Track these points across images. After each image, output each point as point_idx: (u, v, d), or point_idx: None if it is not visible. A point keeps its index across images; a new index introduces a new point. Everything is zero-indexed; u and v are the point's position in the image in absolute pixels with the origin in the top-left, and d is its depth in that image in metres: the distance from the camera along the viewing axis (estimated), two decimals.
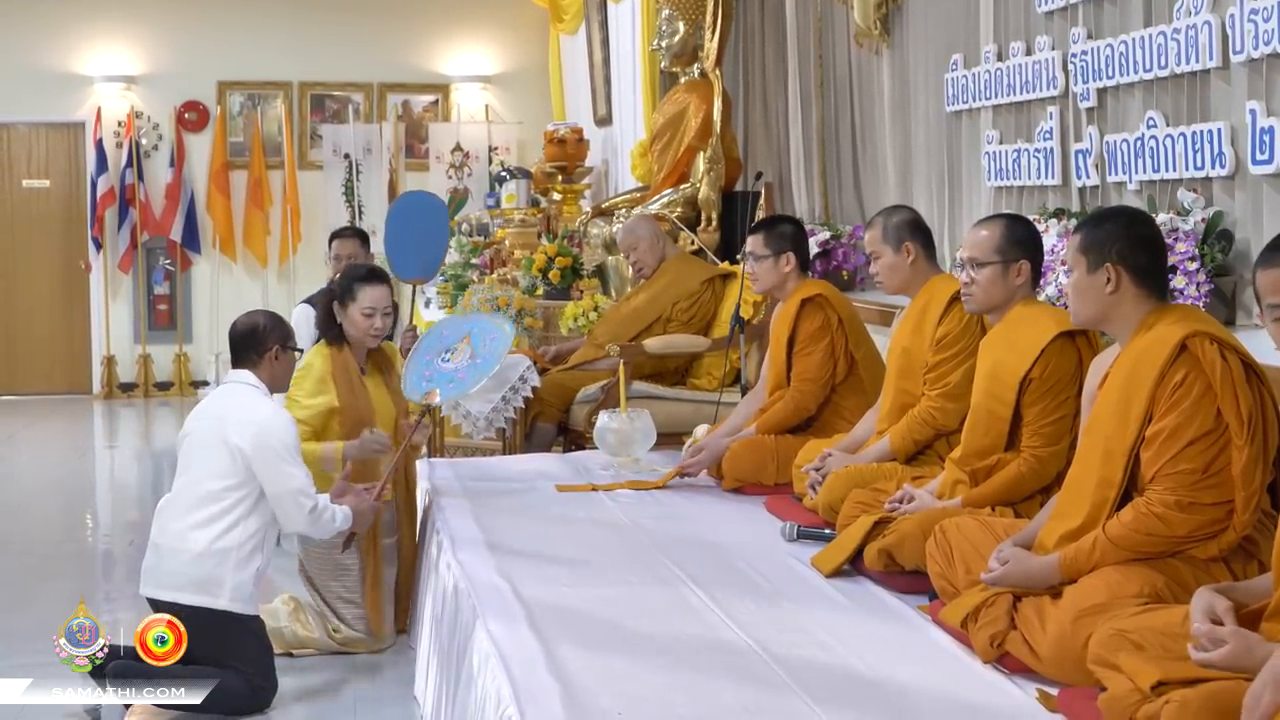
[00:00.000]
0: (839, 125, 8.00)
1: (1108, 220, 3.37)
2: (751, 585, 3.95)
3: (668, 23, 8.47)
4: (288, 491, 4.61)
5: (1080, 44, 5.19)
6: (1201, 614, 2.69)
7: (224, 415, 4.68)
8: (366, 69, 13.57)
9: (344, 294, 5.34)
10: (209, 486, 4.60)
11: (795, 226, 5.52)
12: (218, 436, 4.63)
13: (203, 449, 4.66)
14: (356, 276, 5.39)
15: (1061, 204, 5.35)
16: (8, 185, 13.30)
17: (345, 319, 5.32)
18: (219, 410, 4.73)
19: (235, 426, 4.61)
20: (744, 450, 5.24)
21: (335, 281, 5.50)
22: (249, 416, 4.64)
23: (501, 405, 6.58)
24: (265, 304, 13.39)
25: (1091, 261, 3.30)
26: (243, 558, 4.58)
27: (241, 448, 4.57)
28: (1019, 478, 3.88)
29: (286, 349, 4.85)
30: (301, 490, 4.63)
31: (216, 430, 4.65)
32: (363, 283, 5.34)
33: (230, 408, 4.71)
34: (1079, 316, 3.40)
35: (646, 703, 3.01)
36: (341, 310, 5.33)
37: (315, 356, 5.32)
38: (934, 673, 3.21)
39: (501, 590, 3.89)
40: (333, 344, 5.33)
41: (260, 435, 4.59)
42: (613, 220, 8.54)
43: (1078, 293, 3.35)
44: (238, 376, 4.80)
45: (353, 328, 5.32)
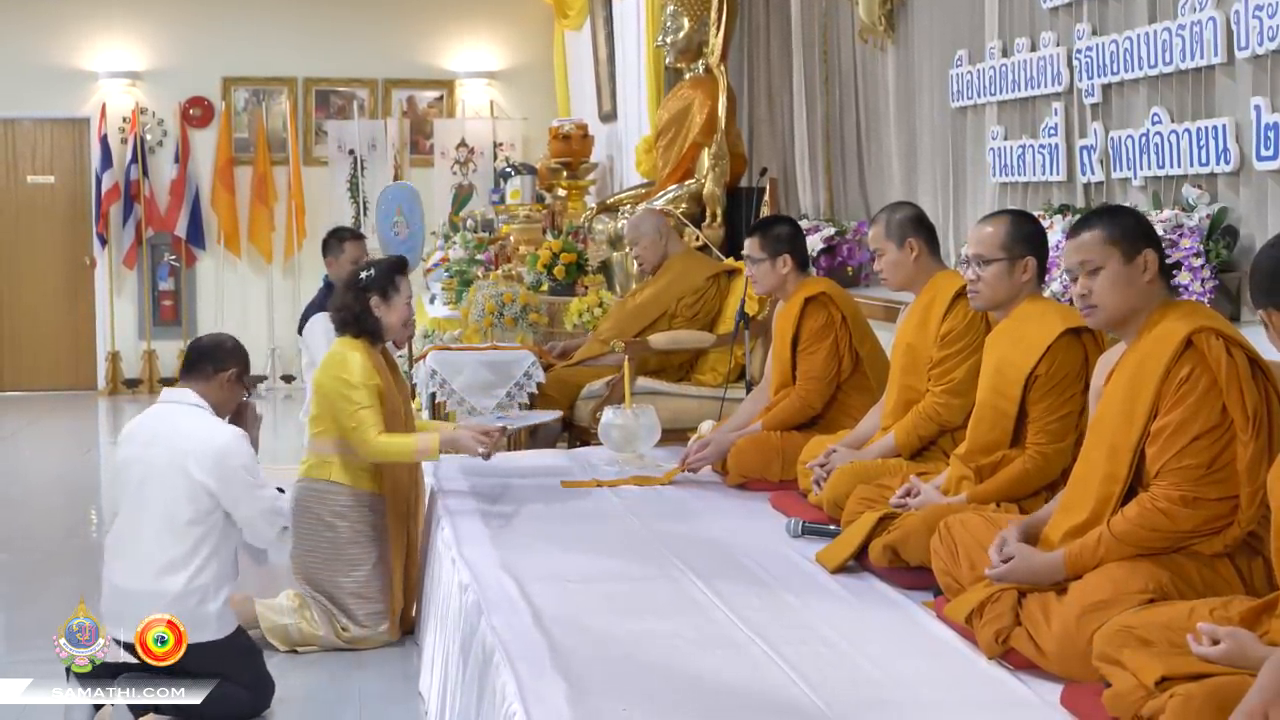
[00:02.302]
0: (844, 121, 8.00)
1: (1120, 212, 3.37)
2: (756, 581, 3.95)
3: (672, 19, 8.46)
4: (260, 513, 4.53)
5: (1085, 40, 5.18)
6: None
7: (177, 444, 4.45)
8: (371, 65, 13.57)
9: (385, 287, 5.21)
10: (174, 524, 4.41)
11: (790, 226, 5.52)
12: (175, 469, 4.41)
13: (160, 483, 4.44)
14: (395, 269, 5.30)
15: (1066, 200, 5.35)
16: (13, 181, 13.31)
17: (387, 311, 5.21)
18: (169, 437, 4.48)
19: (196, 460, 4.41)
20: (749, 446, 5.24)
21: (368, 278, 5.25)
22: (205, 447, 4.44)
23: (506, 401, 6.60)
24: (270, 300, 13.46)
25: (1126, 251, 3.25)
26: (220, 586, 4.48)
27: (206, 483, 4.41)
28: (1024, 474, 3.88)
29: (241, 380, 4.65)
30: (274, 510, 4.57)
31: (173, 461, 4.42)
32: (401, 274, 5.27)
33: (183, 434, 4.47)
34: (1113, 312, 3.28)
35: (651, 699, 3.01)
36: (384, 303, 5.21)
37: (349, 347, 5.18)
38: (938, 669, 3.22)
39: (507, 586, 3.89)
40: (365, 339, 5.22)
41: (221, 464, 4.42)
42: (617, 216, 8.55)
43: (1115, 284, 3.25)
44: (180, 396, 4.58)
45: (395, 319, 5.23)
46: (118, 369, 13.37)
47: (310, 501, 5.20)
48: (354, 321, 5.22)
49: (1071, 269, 3.34)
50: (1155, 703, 2.60)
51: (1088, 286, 3.29)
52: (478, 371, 6.62)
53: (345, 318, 5.25)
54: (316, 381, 5.25)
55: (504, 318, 7.28)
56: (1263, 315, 2.68)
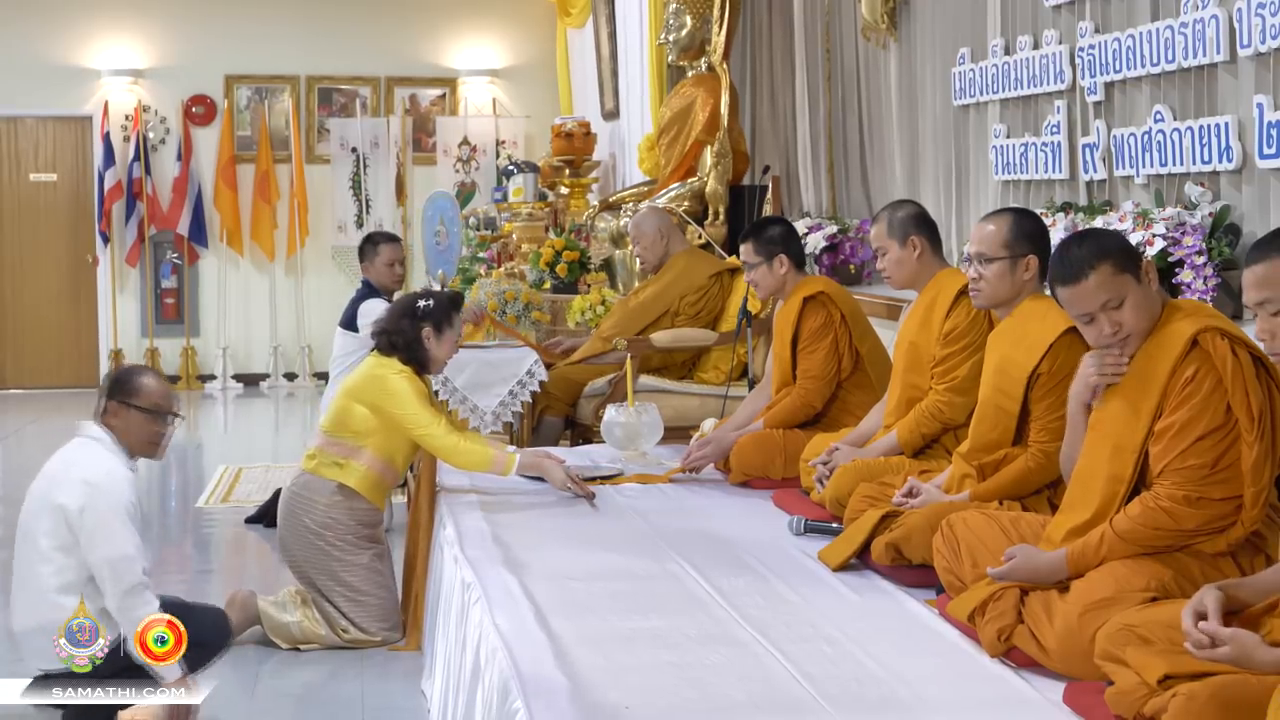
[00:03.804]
0: (846, 119, 8.00)
1: (1103, 236, 3.33)
2: (759, 579, 3.95)
3: (675, 16, 8.47)
4: (107, 559, 4.13)
5: (1087, 38, 5.18)
6: (1189, 612, 2.68)
7: (57, 475, 4.26)
8: (374, 63, 13.57)
9: (441, 321, 5.17)
10: (51, 561, 4.19)
11: (783, 226, 5.51)
12: (45, 501, 4.22)
13: (35, 519, 4.25)
14: (453, 304, 5.28)
15: (1069, 198, 5.35)
16: (15, 179, 13.32)
17: (437, 345, 5.18)
18: (55, 470, 4.29)
19: (67, 486, 4.19)
20: (751, 444, 5.24)
21: (426, 308, 5.18)
22: (85, 475, 4.21)
23: (509, 399, 6.60)
24: (272, 298, 13.48)
25: (1135, 273, 3.22)
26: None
27: (66, 506, 4.16)
28: (1026, 472, 3.88)
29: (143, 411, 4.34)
30: (126, 557, 4.14)
31: (45, 493, 4.24)
32: (457, 311, 5.27)
33: (68, 466, 4.27)
34: (1146, 331, 3.23)
35: (654, 697, 3.01)
36: (435, 336, 5.17)
37: (392, 370, 5.13)
38: (941, 667, 3.22)
39: (509, 584, 3.89)
40: (413, 367, 5.18)
41: (92, 495, 4.16)
42: (620, 214, 8.55)
43: (1144, 306, 3.22)
44: (87, 429, 4.35)
45: (444, 354, 5.23)
46: (120, 367, 13.36)
47: (304, 501, 5.19)
48: (404, 347, 5.17)
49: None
50: (1158, 701, 2.60)
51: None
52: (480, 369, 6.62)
53: (395, 341, 5.19)
54: (360, 396, 5.18)
55: (506, 315, 7.28)
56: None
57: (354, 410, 5.17)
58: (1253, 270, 2.72)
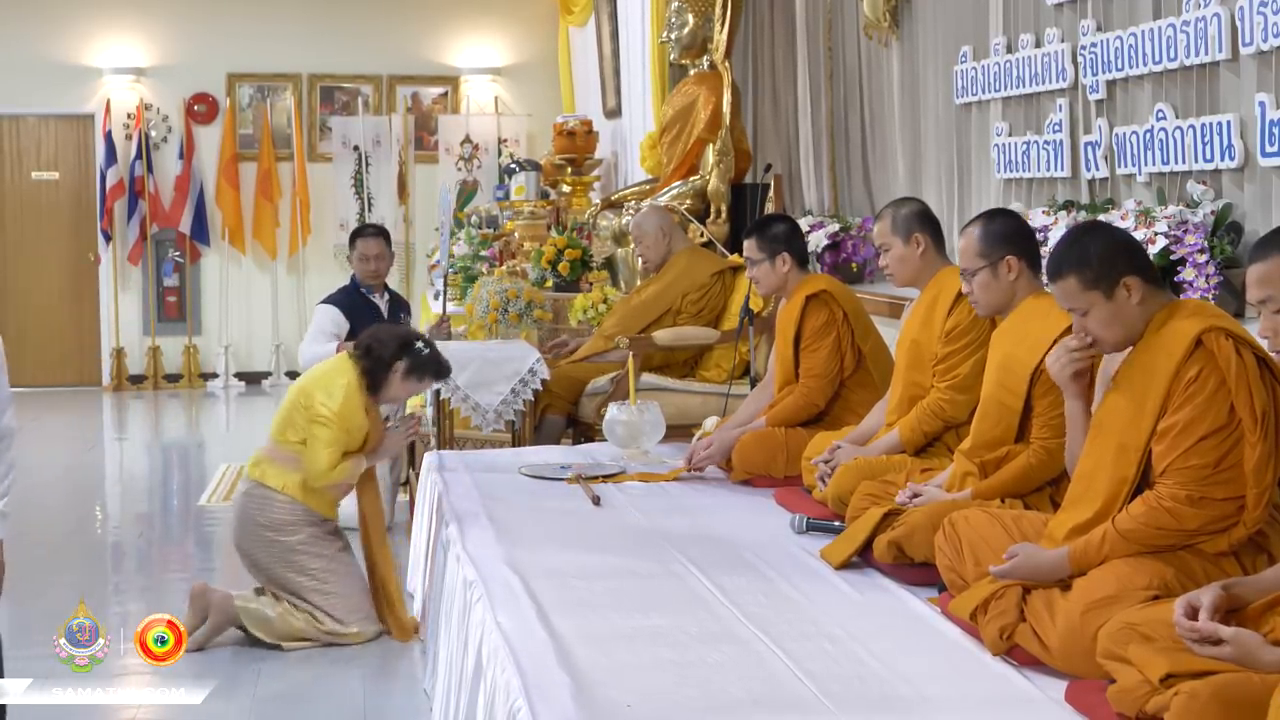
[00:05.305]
0: (848, 117, 8.00)
1: (1086, 244, 3.29)
2: (761, 577, 3.95)
3: (677, 15, 8.47)
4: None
5: (1089, 36, 5.18)
6: (1182, 603, 2.68)
7: None
8: (376, 61, 13.57)
9: (420, 372, 5.23)
10: None
11: (787, 224, 5.51)
12: None
13: None
14: (441, 373, 5.38)
15: (1071, 196, 5.35)
16: (17, 177, 13.32)
17: (400, 386, 5.24)
18: None
19: None
20: (753, 442, 5.24)
21: (417, 353, 5.23)
22: None
23: (511, 397, 6.60)
24: (274, 296, 13.49)
25: (1106, 290, 3.23)
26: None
27: None
28: (1028, 469, 3.88)
29: None
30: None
31: None
32: (438, 380, 5.50)
33: None
34: (1121, 342, 3.27)
35: (656, 695, 3.01)
36: (404, 380, 5.21)
37: (346, 375, 5.19)
38: (943, 665, 3.22)
39: (511, 583, 3.89)
40: (366, 380, 5.19)
41: None
42: (622, 212, 8.55)
43: (1113, 321, 3.24)
44: None
45: (397, 394, 5.34)
46: (122, 365, 13.38)
47: (255, 508, 5.24)
48: (373, 361, 5.19)
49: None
50: (1160, 699, 2.60)
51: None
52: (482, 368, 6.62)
53: (371, 351, 5.22)
54: (305, 386, 5.26)
55: (508, 314, 7.28)
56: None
57: (295, 419, 5.21)
58: (1255, 269, 2.72)
